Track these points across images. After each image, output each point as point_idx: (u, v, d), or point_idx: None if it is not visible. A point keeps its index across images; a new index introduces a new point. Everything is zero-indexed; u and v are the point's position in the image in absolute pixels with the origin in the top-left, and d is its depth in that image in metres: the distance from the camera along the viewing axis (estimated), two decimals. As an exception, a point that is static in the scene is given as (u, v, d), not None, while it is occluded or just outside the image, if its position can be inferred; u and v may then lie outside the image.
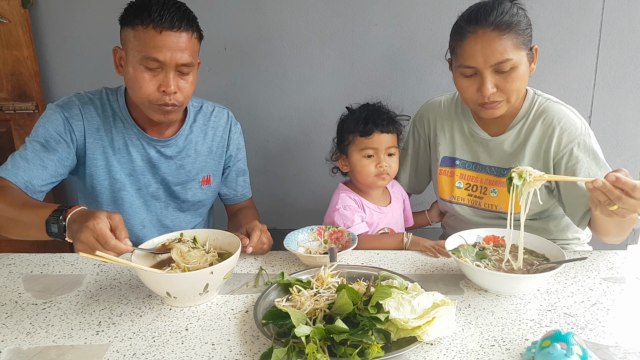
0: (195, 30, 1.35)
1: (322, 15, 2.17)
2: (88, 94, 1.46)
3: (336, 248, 1.33)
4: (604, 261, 1.27)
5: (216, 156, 1.60)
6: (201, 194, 1.59)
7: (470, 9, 1.36)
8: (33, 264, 1.31)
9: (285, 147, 2.36)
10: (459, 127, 1.55)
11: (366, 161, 1.51)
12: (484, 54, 1.28)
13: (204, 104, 1.59)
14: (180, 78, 1.34)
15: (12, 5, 2.14)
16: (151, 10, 1.26)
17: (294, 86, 2.27)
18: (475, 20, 1.31)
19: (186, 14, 1.32)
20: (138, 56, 1.29)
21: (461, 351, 0.91)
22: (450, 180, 1.57)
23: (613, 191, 1.02)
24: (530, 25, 1.35)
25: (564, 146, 1.37)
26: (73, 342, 0.97)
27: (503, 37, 1.28)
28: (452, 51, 1.40)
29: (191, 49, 1.33)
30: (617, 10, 2.10)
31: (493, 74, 1.31)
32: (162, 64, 1.29)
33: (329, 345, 0.88)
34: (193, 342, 0.96)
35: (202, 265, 1.13)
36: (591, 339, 0.95)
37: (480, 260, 1.17)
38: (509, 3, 1.33)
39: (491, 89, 1.30)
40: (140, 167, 1.49)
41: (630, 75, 2.18)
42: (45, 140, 1.36)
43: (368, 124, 1.49)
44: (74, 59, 2.25)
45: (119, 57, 1.37)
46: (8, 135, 2.35)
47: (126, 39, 1.33)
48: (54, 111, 1.40)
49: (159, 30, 1.27)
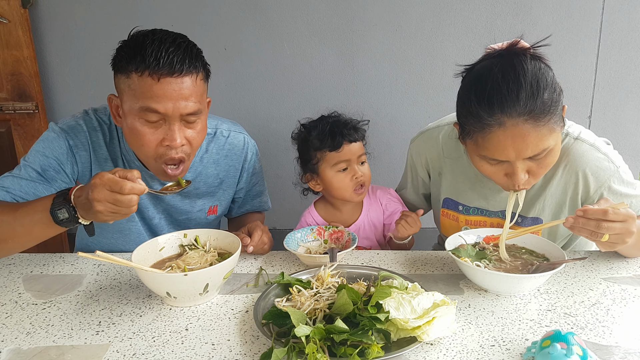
0: (200, 70, 1.16)
1: (322, 15, 2.17)
2: (96, 117, 1.31)
3: (336, 248, 1.33)
4: (604, 261, 1.27)
5: (226, 186, 1.48)
6: (206, 224, 1.50)
7: (486, 85, 1.06)
8: (33, 263, 1.31)
9: (285, 147, 2.36)
10: (463, 169, 1.37)
11: (341, 175, 1.46)
12: (517, 149, 1.07)
13: (218, 130, 1.43)
14: (187, 128, 1.17)
15: (12, 5, 2.14)
16: (145, 54, 1.08)
17: (294, 86, 2.27)
18: (500, 109, 1.04)
19: (187, 51, 1.13)
20: (135, 107, 1.12)
21: (461, 351, 0.91)
22: (456, 225, 1.42)
23: (588, 223, 1.00)
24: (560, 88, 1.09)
25: (593, 192, 1.24)
26: (73, 342, 0.96)
27: (539, 125, 1.04)
28: (467, 133, 1.13)
29: (197, 94, 1.15)
30: (617, 10, 2.10)
31: (525, 161, 1.11)
32: (164, 116, 1.13)
33: (329, 345, 0.88)
34: (193, 342, 0.96)
35: (202, 265, 1.13)
36: (591, 339, 0.95)
37: (480, 260, 1.17)
38: (533, 65, 1.05)
39: (524, 178, 1.12)
40: (144, 202, 1.38)
41: (630, 75, 2.18)
42: (43, 169, 1.23)
43: (335, 137, 1.43)
44: (74, 59, 2.26)
45: (115, 106, 1.21)
46: (8, 135, 2.35)
47: (120, 87, 1.16)
48: (58, 136, 1.25)
49: (157, 78, 1.09)
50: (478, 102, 1.07)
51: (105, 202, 0.96)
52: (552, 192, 1.29)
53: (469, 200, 1.39)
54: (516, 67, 1.05)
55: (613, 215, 0.99)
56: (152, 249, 1.18)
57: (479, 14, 2.15)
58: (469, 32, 2.17)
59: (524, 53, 1.08)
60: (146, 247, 1.16)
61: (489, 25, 2.17)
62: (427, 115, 2.29)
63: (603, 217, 0.99)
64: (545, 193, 1.30)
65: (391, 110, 2.27)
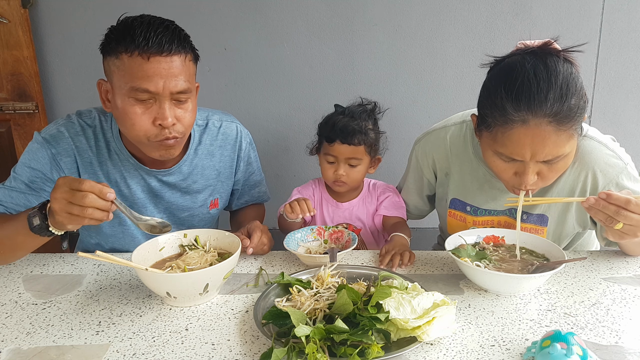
0: (189, 51, 1.19)
1: (322, 15, 2.17)
2: (80, 121, 1.31)
3: (336, 248, 1.33)
4: (604, 261, 1.27)
5: (224, 177, 1.49)
6: (209, 218, 1.51)
7: (516, 79, 1.05)
8: (33, 264, 1.31)
9: (285, 147, 2.36)
10: (472, 170, 1.36)
11: (327, 165, 1.53)
12: (533, 150, 1.06)
13: (209, 120, 1.44)
14: (178, 107, 1.19)
15: (12, 5, 2.14)
16: (135, 34, 1.10)
17: (294, 86, 2.27)
18: (527, 106, 1.03)
19: (176, 33, 1.16)
20: (125, 88, 1.13)
21: (461, 351, 0.91)
22: (463, 225, 1.41)
23: (608, 207, 1.00)
24: (587, 97, 1.08)
25: (601, 188, 1.24)
26: (73, 342, 0.96)
27: (561, 130, 1.04)
28: (488, 126, 1.12)
29: (186, 73, 1.17)
30: (617, 10, 2.10)
31: (538, 163, 1.10)
32: (155, 95, 1.14)
33: (329, 345, 0.88)
34: (193, 342, 0.96)
35: (202, 265, 1.13)
36: (591, 339, 0.95)
37: (480, 260, 1.17)
38: (565, 68, 1.04)
39: (533, 179, 1.12)
40: (141, 200, 1.37)
41: (630, 75, 2.18)
42: (30, 180, 1.25)
43: (332, 131, 1.49)
44: (74, 59, 2.26)
45: (104, 91, 1.22)
46: (8, 135, 2.35)
47: (110, 70, 1.17)
48: (41, 146, 1.26)
49: (147, 57, 1.11)
50: (506, 95, 1.06)
51: (62, 199, 0.94)
52: (559, 188, 1.28)
53: (478, 201, 1.38)
54: (549, 66, 1.04)
55: (635, 206, 0.99)
56: (152, 249, 1.18)
57: (479, 14, 2.15)
58: (469, 32, 2.17)
59: (557, 54, 1.07)
60: (146, 247, 1.16)
61: (489, 25, 2.17)
62: (427, 115, 2.29)
63: (624, 206, 0.99)
64: (553, 189, 1.29)
65: (391, 110, 2.26)
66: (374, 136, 1.52)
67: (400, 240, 1.36)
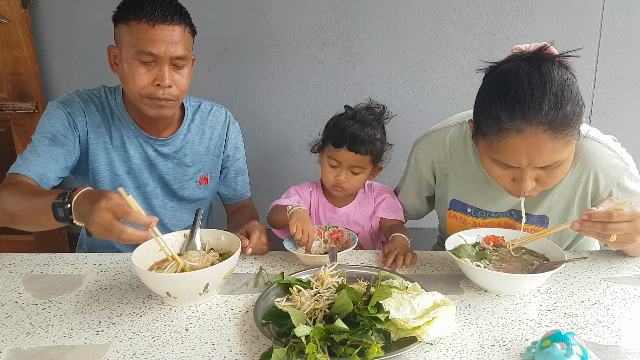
0: (188, 25, 1.37)
1: (322, 15, 2.18)
2: (87, 92, 1.48)
3: (336, 248, 1.33)
4: (604, 261, 1.27)
5: (214, 155, 1.61)
6: (199, 193, 1.61)
7: (510, 88, 1.03)
8: (33, 264, 1.31)
9: (285, 147, 2.36)
10: (471, 171, 1.35)
11: (329, 168, 1.50)
12: (530, 157, 1.05)
13: (202, 104, 1.60)
14: (175, 72, 1.35)
15: (12, 5, 2.14)
16: (143, 5, 1.29)
17: (294, 86, 2.27)
18: (521, 115, 1.02)
19: (178, 8, 1.34)
20: (132, 51, 1.30)
21: (461, 351, 0.91)
22: (463, 227, 1.40)
23: (594, 226, 1.00)
24: (583, 102, 1.07)
25: (603, 189, 1.24)
26: (73, 342, 0.96)
27: (557, 137, 1.03)
28: (483, 134, 1.11)
29: (185, 42, 1.34)
30: (617, 10, 2.10)
31: (535, 169, 1.09)
32: (157, 58, 1.31)
33: (329, 345, 0.88)
34: (193, 342, 0.96)
35: (202, 265, 1.13)
36: (591, 339, 0.95)
37: (480, 260, 1.17)
38: (560, 74, 1.03)
39: (531, 185, 1.11)
40: (138, 165, 1.50)
41: (630, 75, 2.18)
42: (53, 135, 1.38)
43: (340, 137, 1.45)
44: (74, 59, 2.26)
45: (113, 56, 1.39)
46: (8, 135, 2.35)
47: (120, 36, 1.34)
48: (56, 107, 1.42)
49: (152, 24, 1.29)
50: (500, 105, 1.05)
51: (101, 227, 0.95)
52: (560, 190, 1.27)
53: (478, 202, 1.37)
54: (543, 73, 1.03)
55: (617, 216, 0.99)
56: (152, 249, 1.18)
57: (479, 14, 2.15)
58: (469, 32, 2.17)
59: (552, 60, 1.05)
60: (146, 247, 1.16)
61: (489, 25, 2.17)
62: (427, 116, 2.29)
63: (608, 220, 0.99)
64: (554, 191, 1.28)
65: (391, 110, 2.26)
66: (380, 146, 1.50)
67: (402, 241, 1.36)
